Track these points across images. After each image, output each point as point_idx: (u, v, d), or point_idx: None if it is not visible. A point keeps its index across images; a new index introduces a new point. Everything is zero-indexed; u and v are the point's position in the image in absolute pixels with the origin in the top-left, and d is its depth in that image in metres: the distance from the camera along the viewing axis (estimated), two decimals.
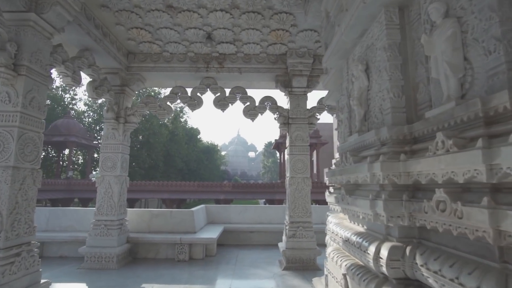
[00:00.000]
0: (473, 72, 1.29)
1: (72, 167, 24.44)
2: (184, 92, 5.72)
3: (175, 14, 4.29)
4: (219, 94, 5.69)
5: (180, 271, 4.87)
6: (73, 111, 25.96)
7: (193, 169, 30.89)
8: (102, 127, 5.10)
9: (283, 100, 6.12)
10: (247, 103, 5.73)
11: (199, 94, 5.70)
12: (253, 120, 5.82)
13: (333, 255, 2.23)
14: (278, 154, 30.33)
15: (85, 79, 4.98)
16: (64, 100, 26.15)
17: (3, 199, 2.81)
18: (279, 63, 5.57)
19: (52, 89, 24.55)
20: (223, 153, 58.31)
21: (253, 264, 5.39)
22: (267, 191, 19.30)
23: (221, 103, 5.69)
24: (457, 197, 1.16)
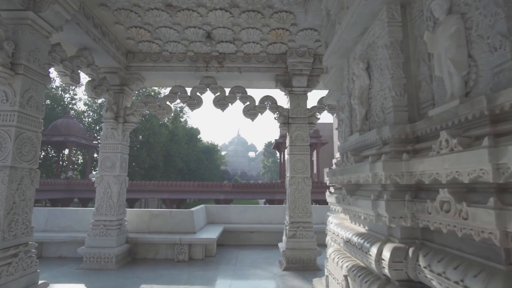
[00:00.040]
0: (478, 69, 1.26)
1: (71, 167, 24.43)
2: (183, 91, 5.69)
3: (174, 13, 4.26)
4: (218, 93, 5.66)
5: (179, 272, 4.84)
6: (73, 111, 25.95)
7: (193, 169, 30.88)
8: (102, 127, 5.09)
9: (283, 99, 6.09)
10: (247, 103, 5.70)
11: (198, 93, 5.67)
12: (253, 119, 5.79)
13: (334, 256, 2.20)
14: (278, 154, 30.30)
15: (85, 79, 4.95)
16: (64, 100, 26.15)
17: (0, 199, 2.78)
18: (279, 63, 5.54)
19: (52, 89, 24.56)
20: (223, 153, 58.31)
21: (253, 264, 5.37)
22: (267, 191, 19.28)
23: (221, 103, 5.67)
24: (462, 197, 1.13)
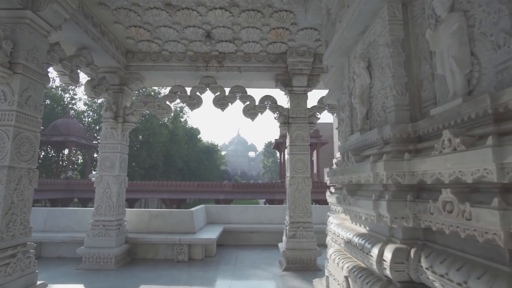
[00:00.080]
0: (481, 67, 1.24)
1: (71, 167, 24.41)
2: (183, 91, 5.67)
3: (174, 12, 4.24)
4: (218, 93, 5.64)
5: (179, 272, 4.82)
6: (72, 111, 25.94)
7: (193, 169, 30.87)
8: (101, 127, 5.08)
9: (283, 99, 6.07)
10: (247, 103, 5.68)
11: (198, 93, 5.65)
12: (253, 119, 5.77)
13: (335, 256, 2.18)
14: (278, 154, 30.28)
15: (85, 78, 4.93)
16: (63, 99, 26.14)
17: None
18: (279, 62, 5.52)
19: (51, 88, 24.54)
20: (223, 153, 58.31)
21: (253, 264, 5.35)
22: (267, 191, 19.26)
23: (221, 103, 5.65)
24: (465, 197, 1.11)
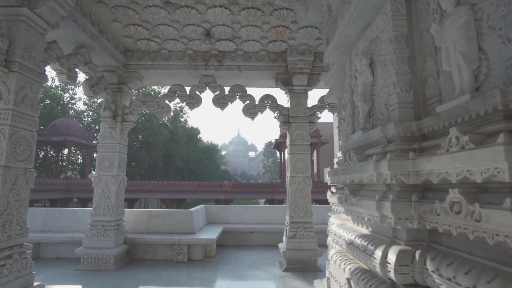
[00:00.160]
0: (489, 62, 1.20)
1: (71, 167, 24.36)
2: (182, 90, 5.62)
3: (173, 10, 4.19)
4: (218, 92, 5.59)
5: (178, 273, 4.78)
6: (72, 111, 25.89)
7: (193, 169, 30.81)
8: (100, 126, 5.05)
9: (283, 98, 6.03)
10: (247, 102, 5.63)
11: (198, 92, 5.60)
12: (252, 119, 5.72)
13: (336, 258, 2.14)
14: (278, 153, 30.23)
15: (84, 78, 4.89)
16: (63, 99, 26.09)
17: None
18: (279, 61, 5.47)
19: (51, 88, 24.48)
20: (223, 153, 58.26)
21: (253, 265, 5.30)
22: (267, 191, 19.22)
23: (220, 102, 5.60)
24: (474, 198, 1.06)
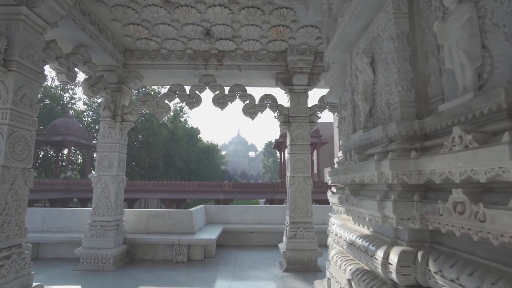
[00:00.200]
0: (493, 60, 1.18)
1: (71, 166, 24.35)
2: (182, 90, 5.61)
3: (172, 9, 4.17)
4: (218, 92, 5.57)
5: (178, 273, 4.76)
6: (72, 111, 25.86)
7: (193, 169, 30.80)
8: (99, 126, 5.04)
9: (283, 98, 6.01)
10: (247, 101, 5.61)
11: (197, 92, 5.59)
12: (252, 118, 5.70)
13: (337, 258, 2.12)
14: (278, 153, 30.21)
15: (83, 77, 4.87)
16: (63, 99, 26.08)
17: None
18: (279, 61, 5.45)
19: (51, 88, 24.45)
20: (223, 153, 58.26)
21: (252, 265, 5.28)
22: (267, 191, 19.20)
23: (220, 101, 5.58)
24: (477, 198, 1.04)
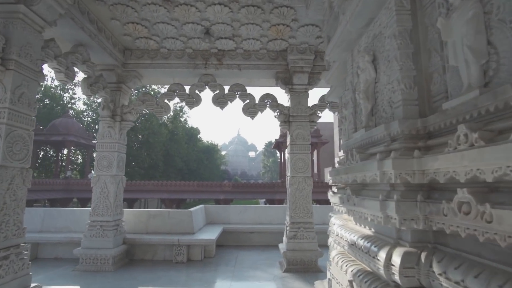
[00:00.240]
0: (499, 57, 1.15)
1: (71, 166, 24.31)
2: (182, 89, 5.58)
3: (172, 8, 4.14)
4: (218, 91, 5.54)
5: (177, 273, 4.74)
6: (72, 111, 25.82)
7: (193, 169, 30.76)
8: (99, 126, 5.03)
9: (283, 98, 5.98)
10: (247, 101, 5.58)
11: (197, 91, 5.56)
12: (252, 118, 5.67)
13: (338, 259, 2.09)
14: (278, 153, 30.18)
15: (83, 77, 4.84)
16: (63, 99, 26.04)
17: None
18: (279, 60, 5.42)
19: (51, 88, 24.42)
20: (223, 152, 58.23)
21: (253, 265, 5.25)
22: (267, 191, 19.16)
23: (220, 101, 5.55)
24: (484, 198, 1.02)
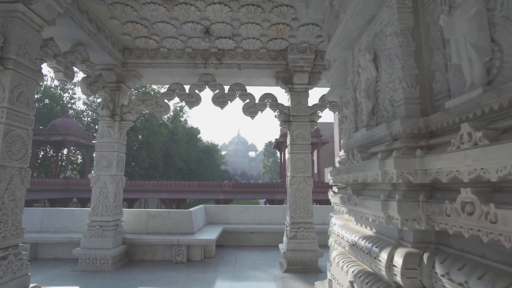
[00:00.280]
0: (502, 54, 1.13)
1: (71, 166, 24.29)
2: (182, 89, 5.56)
3: (171, 7, 4.12)
4: (217, 91, 5.52)
5: (177, 274, 4.72)
6: (71, 110, 25.81)
7: (193, 169, 30.75)
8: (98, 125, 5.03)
9: (283, 97, 5.97)
10: (247, 100, 5.56)
11: (197, 91, 5.54)
12: (252, 117, 5.65)
13: (338, 260, 2.07)
14: (278, 153, 30.16)
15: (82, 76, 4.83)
16: (62, 99, 26.02)
17: None
18: (279, 59, 5.40)
19: (50, 88, 24.40)
20: (223, 152, 58.24)
21: (253, 266, 5.23)
22: (267, 191, 19.15)
23: (220, 100, 5.53)
24: (488, 198, 1.00)
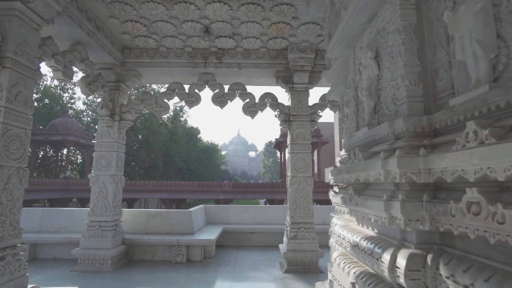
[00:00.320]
0: (509, 51, 1.10)
1: (70, 166, 24.27)
2: (181, 88, 5.53)
3: (171, 5, 4.09)
4: (217, 90, 5.50)
5: (177, 274, 4.69)
6: (71, 110, 25.77)
7: (193, 169, 30.73)
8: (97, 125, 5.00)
9: (284, 97, 5.94)
10: (247, 100, 5.54)
11: (197, 90, 5.51)
12: (252, 117, 5.63)
13: (340, 260, 2.04)
14: (278, 153, 30.14)
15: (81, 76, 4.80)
16: (62, 99, 25.99)
17: None
18: (279, 59, 5.37)
19: (50, 87, 24.37)
20: (223, 152, 58.22)
21: (253, 266, 5.21)
22: (267, 191, 19.12)
23: (220, 100, 5.51)
24: (494, 197, 0.97)
